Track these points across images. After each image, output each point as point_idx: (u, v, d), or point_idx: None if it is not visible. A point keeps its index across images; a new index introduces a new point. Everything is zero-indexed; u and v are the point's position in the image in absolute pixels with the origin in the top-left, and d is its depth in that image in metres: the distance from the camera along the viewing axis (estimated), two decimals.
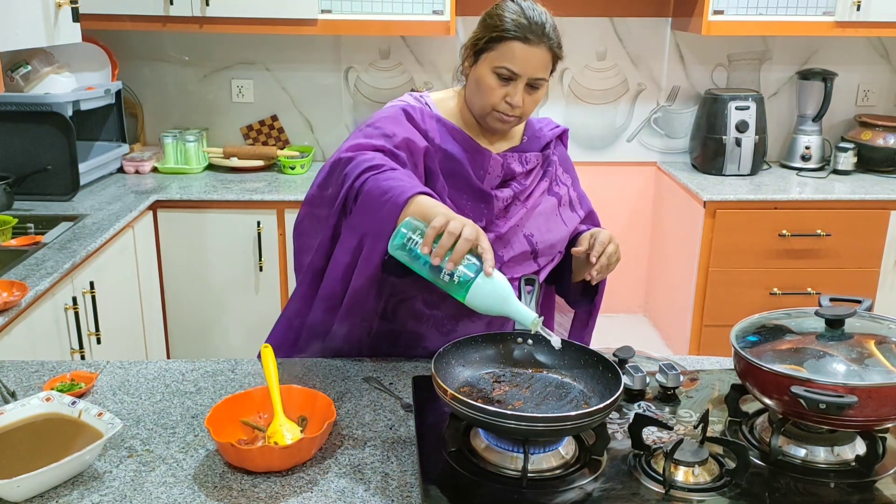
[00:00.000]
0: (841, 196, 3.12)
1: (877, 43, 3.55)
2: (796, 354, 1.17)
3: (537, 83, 1.49)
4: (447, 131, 1.54)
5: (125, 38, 3.33)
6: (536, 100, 1.51)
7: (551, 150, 1.66)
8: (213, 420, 1.22)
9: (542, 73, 1.48)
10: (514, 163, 1.58)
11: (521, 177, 1.59)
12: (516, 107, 1.48)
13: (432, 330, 1.59)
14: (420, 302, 1.56)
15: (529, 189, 1.60)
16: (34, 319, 1.99)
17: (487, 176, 1.56)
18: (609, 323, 3.86)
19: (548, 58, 1.48)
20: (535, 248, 1.59)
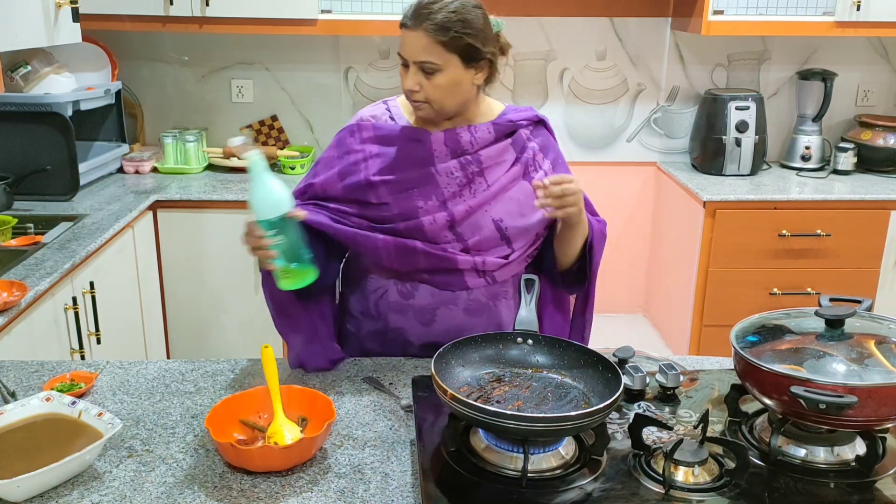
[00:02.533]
0: (841, 196, 3.12)
1: (877, 43, 3.55)
2: (796, 354, 1.18)
3: (427, 66, 1.48)
4: (386, 134, 1.60)
5: (125, 38, 3.33)
6: (438, 85, 1.49)
7: (525, 136, 1.65)
8: (212, 420, 1.22)
9: (425, 56, 1.47)
10: (461, 136, 1.58)
11: (471, 150, 1.59)
12: (412, 91, 1.50)
13: (413, 321, 1.60)
14: (395, 293, 1.59)
15: (490, 159, 1.59)
16: (34, 319, 1.99)
17: (435, 156, 1.58)
18: (609, 323, 3.86)
19: (426, 40, 1.46)
20: (505, 233, 1.58)
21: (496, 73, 1.58)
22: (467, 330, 1.58)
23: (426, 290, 1.58)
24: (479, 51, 1.50)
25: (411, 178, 1.56)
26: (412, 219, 1.54)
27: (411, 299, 1.59)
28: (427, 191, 1.56)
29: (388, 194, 1.56)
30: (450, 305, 1.59)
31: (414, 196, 1.56)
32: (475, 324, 1.61)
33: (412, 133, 1.60)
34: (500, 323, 1.64)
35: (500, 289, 1.63)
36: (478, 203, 1.56)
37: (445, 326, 1.59)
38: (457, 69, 1.50)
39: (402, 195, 1.56)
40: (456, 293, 1.59)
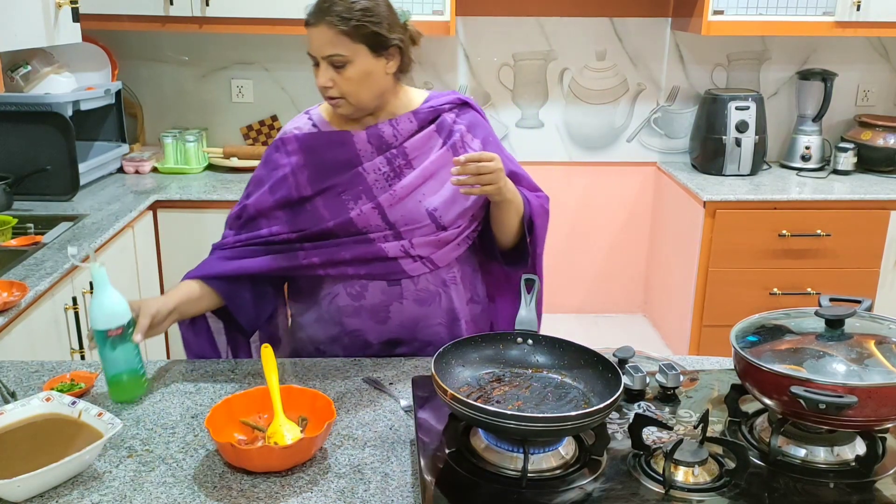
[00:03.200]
0: (841, 196, 3.12)
1: (877, 43, 3.55)
2: (796, 354, 1.17)
3: (335, 60, 1.48)
4: (309, 143, 1.60)
5: (125, 38, 3.33)
6: (350, 77, 1.49)
7: (451, 120, 1.63)
8: (212, 420, 1.22)
9: (331, 49, 1.47)
10: (384, 131, 1.58)
11: (395, 143, 1.59)
12: (326, 87, 1.51)
13: (368, 321, 1.60)
14: (345, 296, 1.60)
15: (417, 150, 1.59)
16: (34, 319, 1.99)
17: (361, 156, 1.58)
18: (609, 323, 3.86)
19: (330, 33, 1.46)
20: (437, 218, 1.57)
21: (409, 61, 1.58)
22: (422, 321, 1.61)
23: (376, 289, 1.58)
24: (385, 38, 1.50)
25: (340, 182, 1.57)
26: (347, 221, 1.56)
27: (362, 300, 1.59)
28: (357, 192, 1.57)
29: (321, 204, 1.57)
30: (400, 299, 1.59)
31: (345, 199, 1.56)
32: (429, 313, 1.61)
33: (335, 137, 1.60)
34: (454, 310, 1.64)
35: (447, 275, 1.62)
36: (403, 189, 1.56)
37: (400, 320, 1.60)
38: (366, 59, 1.49)
39: (334, 201, 1.57)
40: (403, 286, 1.59)
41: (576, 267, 3.84)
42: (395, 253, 1.56)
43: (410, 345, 1.64)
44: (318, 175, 1.58)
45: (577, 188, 3.71)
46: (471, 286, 1.69)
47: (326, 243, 1.56)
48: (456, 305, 1.64)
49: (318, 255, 1.57)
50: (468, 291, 1.68)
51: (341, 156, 1.58)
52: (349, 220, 1.55)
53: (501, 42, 3.51)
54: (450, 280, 1.63)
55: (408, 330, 1.61)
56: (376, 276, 1.57)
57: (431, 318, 1.62)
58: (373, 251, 1.55)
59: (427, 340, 1.64)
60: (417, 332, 1.62)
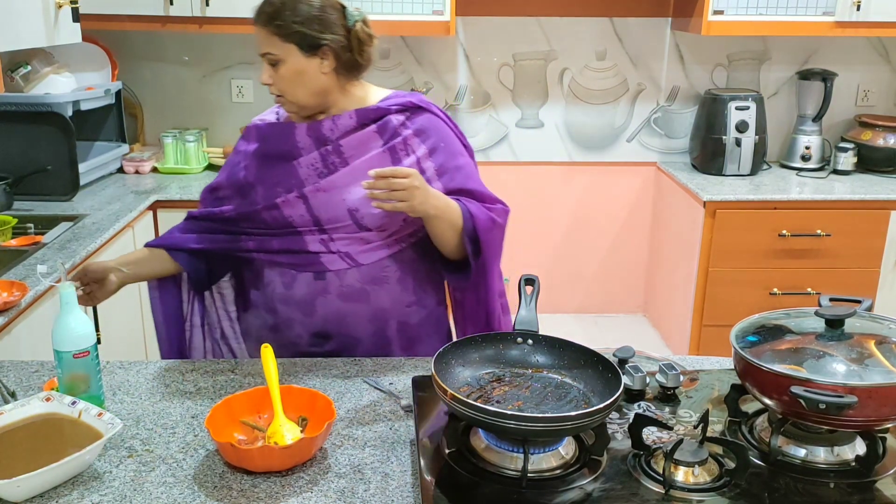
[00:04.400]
0: (841, 196, 3.12)
1: (877, 43, 3.55)
2: (796, 354, 1.17)
3: (269, 59, 1.56)
4: (262, 133, 1.67)
5: (125, 38, 3.33)
6: (283, 76, 1.55)
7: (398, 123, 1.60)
8: (212, 420, 1.22)
9: (265, 48, 1.55)
10: (322, 125, 1.61)
11: (332, 137, 1.60)
12: (267, 84, 1.57)
13: (296, 312, 1.62)
14: (280, 285, 1.62)
15: (353, 149, 1.59)
16: (34, 319, 1.99)
17: (299, 148, 1.61)
18: (609, 323, 3.86)
19: (263, 33, 1.55)
20: (359, 220, 1.56)
21: (356, 62, 1.58)
22: (348, 316, 1.61)
23: (303, 281, 1.60)
24: (314, 38, 1.52)
25: (276, 173, 1.62)
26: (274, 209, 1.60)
27: (292, 290, 1.61)
28: (290, 184, 1.60)
29: (259, 192, 1.62)
30: (325, 294, 1.60)
31: (278, 190, 1.60)
32: (354, 310, 1.61)
33: (280, 129, 1.65)
34: (384, 309, 1.62)
35: (378, 274, 1.60)
36: (329, 184, 1.57)
37: (325, 314, 1.61)
38: (297, 58, 1.54)
39: (270, 190, 1.61)
40: (328, 280, 1.59)
41: (576, 267, 3.84)
42: (316, 247, 1.58)
43: (338, 340, 1.64)
44: (261, 164, 1.64)
45: (577, 188, 3.71)
46: (414, 290, 1.65)
47: (261, 231, 1.62)
48: (386, 306, 1.62)
49: (253, 241, 1.63)
50: (409, 294, 1.64)
51: (282, 147, 1.63)
52: (275, 205, 1.59)
53: (501, 42, 3.51)
54: (381, 279, 1.60)
55: (333, 324, 1.62)
56: (301, 267, 1.60)
57: (357, 314, 1.61)
58: (298, 243, 1.59)
59: (355, 336, 1.63)
60: (343, 328, 1.62)
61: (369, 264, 1.59)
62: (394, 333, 1.64)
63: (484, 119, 3.60)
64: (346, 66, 1.57)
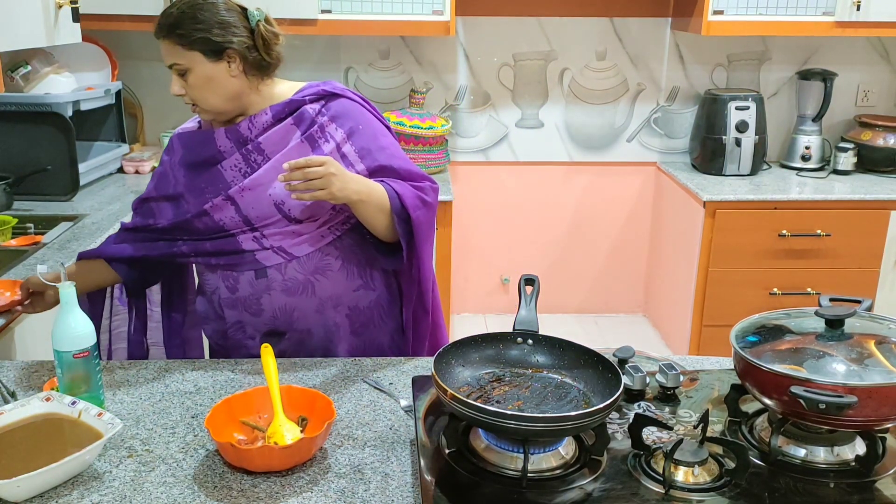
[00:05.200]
0: (841, 196, 3.12)
1: (877, 43, 3.55)
2: (796, 354, 1.18)
3: (177, 69, 1.55)
4: (185, 142, 1.67)
5: (125, 38, 3.33)
6: (193, 84, 1.55)
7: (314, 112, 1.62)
8: (212, 420, 1.22)
9: (171, 59, 1.55)
10: (241, 127, 1.61)
11: (251, 136, 1.61)
12: (179, 95, 1.57)
13: (244, 313, 1.63)
14: (224, 289, 1.63)
15: (274, 145, 1.60)
16: (34, 319, 1.98)
17: (221, 152, 1.62)
18: (609, 323, 3.86)
19: (167, 45, 1.54)
20: (286, 211, 1.57)
21: (264, 61, 1.60)
22: (296, 310, 1.61)
23: (245, 280, 1.62)
24: (217, 43, 1.53)
25: (202, 179, 1.62)
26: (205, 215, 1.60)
27: (237, 292, 1.63)
28: (217, 188, 1.60)
29: (188, 200, 1.62)
30: (269, 291, 1.61)
31: (207, 196, 1.60)
32: (300, 303, 1.61)
33: (200, 136, 1.65)
34: (332, 297, 1.63)
35: (319, 263, 1.61)
36: (252, 181, 1.58)
37: (272, 312, 1.62)
38: (203, 65, 1.54)
39: (198, 198, 1.61)
40: (270, 277, 1.60)
41: (576, 267, 3.84)
42: (249, 245, 1.59)
43: (291, 336, 1.65)
44: (187, 173, 1.65)
45: (577, 188, 3.71)
46: (360, 274, 1.66)
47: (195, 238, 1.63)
48: (333, 293, 1.63)
49: (188, 246, 1.63)
50: (355, 279, 1.65)
51: (205, 154, 1.63)
52: (204, 211, 1.59)
53: (501, 42, 3.51)
54: (325, 268, 1.61)
55: (282, 321, 1.63)
56: (239, 268, 1.61)
57: (304, 307, 1.62)
58: (231, 244, 1.60)
59: (306, 329, 1.64)
60: (293, 323, 1.63)
61: (306, 255, 1.60)
62: (343, 319, 1.65)
63: (484, 119, 3.60)
64: (254, 67, 1.58)
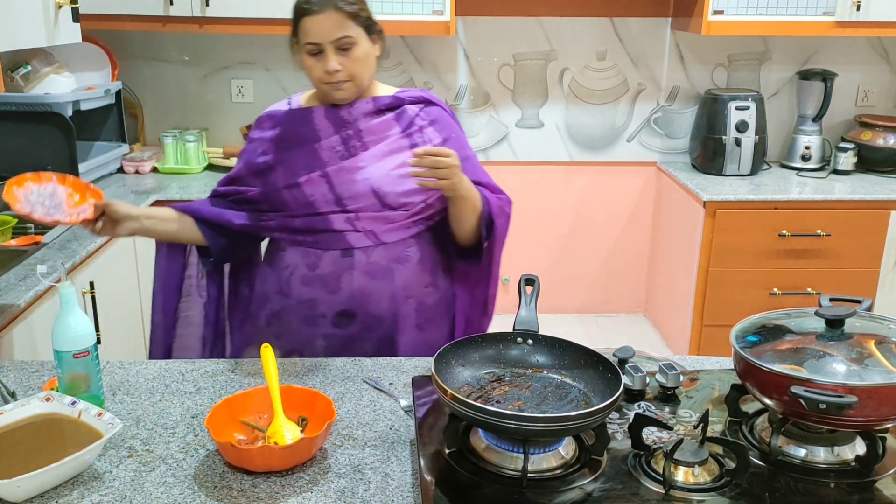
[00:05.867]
0: (841, 196, 3.12)
1: (877, 43, 3.55)
2: (796, 354, 1.17)
3: (343, 43, 1.58)
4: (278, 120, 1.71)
5: (125, 38, 3.33)
6: (356, 58, 1.60)
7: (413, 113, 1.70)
8: (212, 420, 1.22)
9: (340, 32, 1.57)
10: (342, 110, 1.66)
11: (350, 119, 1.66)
12: (335, 71, 1.59)
13: (320, 290, 1.65)
14: (303, 266, 1.66)
15: (372, 134, 1.66)
16: (34, 319, 1.99)
17: (319, 131, 1.66)
18: (610, 323, 3.86)
19: (338, 17, 1.57)
20: (383, 198, 1.63)
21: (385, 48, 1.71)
22: (372, 294, 1.65)
23: (329, 258, 1.64)
24: (374, 23, 1.64)
25: (297, 156, 1.65)
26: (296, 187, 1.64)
27: (317, 269, 1.65)
28: (311, 165, 1.64)
29: (280, 174, 1.65)
30: (351, 270, 1.64)
31: (299, 171, 1.64)
32: (378, 287, 1.65)
33: (298, 113, 1.70)
34: (405, 287, 1.68)
35: (401, 253, 1.67)
36: (351, 164, 1.63)
37: (349, 292, 1.65)
38: (365, 41, 1.61)
39: (290, 171, 1.65)
40: (355, 257, 1.64)
41: (576, 267, 3.84)
42: (340, 226, 1.63)
43: (361, 319, 1.67)
44: (280, 147, 1.67)
45: (577, 188, 3.71)
46: (431, 271, 1.73)
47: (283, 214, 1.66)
48: (407, 284, 1.68)
49: (275, 220, 1.67)
50: (427, 275, 1.71)
51: (301, 132, 1.67)
52: (297, 184, 1.62)
53: (501, 42, 3.51)
54: (403, 258, 1.67)
55: (358, 302, 1.65)
56: (326, 245, 1.64)
57: (381, 292, 1.66)
58: (321, 222, 1.63)
59: (377, 315, 1.67)
60: (367, 306, 1.66)
61: (393, 243, 1.65)
62: (411, 312, 1.69)
63: (484, 119, 3.60)
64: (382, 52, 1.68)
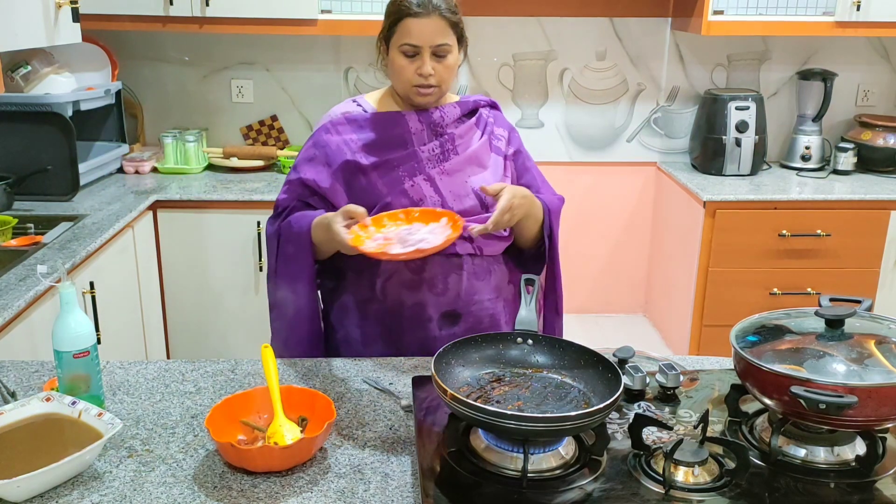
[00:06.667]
0: (841, 196, 3.12)
1: (877, 43, 3.55)
2: (796, 354, 1.18)
3: (441, 50, 1.59)
4: (361, 123, 1.68)
5: (125, 38, 3.33)
6: (448, 66, 1.62)
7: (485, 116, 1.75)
8: (212, 420, 1.22)
9: (441, 39, 1.59)
10: (434, 114, 1.68)
11: (447, 127, 1.69)
12: (428, 76, 1.59)
13: (427, 293, 1.64)
14: (407, 271, 1.63)
15: (461, 138, 1.69)
16: (34, 319, 1.99)
17: (413, 135, 1.66)
18: (609, 323, 3.86)
19: (442, 24, 1.59)
20: (485, 201, 1.66)
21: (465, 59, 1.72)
22: (478, 293, 1.67)
23: (435, 261, 1.63)
24: (465, 35, 1.65)
25: (396, 158, 1.64)
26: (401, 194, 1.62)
27: (423, 273, 1.63)
28: (412, 168, 1.64)
29: (376, 176, 1.64)
30: (459, 271, 1.65)
31: (401, 174, 1.63)
32: (482, 287, 1.68)
33: (387, 117, 1.68)
34: (500, 288, 1.72)
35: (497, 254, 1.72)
36: (452, 166, 1.64)
37: (457, 292, 1.65)
38: (456, 50, 1.63)
39: (390, 175, 1.63)
40: (462, 258, 1.65)
41: (576, 267, 3.84)
42: None
43: (466, 320, 1.67)
44: (373, 149, 1.65)
45: (577, 188, 3.71)
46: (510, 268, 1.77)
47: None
48: (501, 282, 1.72)
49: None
50: (508, 272, 1.76)
51: (395, 133, 1.66)
52: (403, 191, 1.62)
53: (501, 42, 3.51)
54: (498, 258, 1.72)
55: (463, 302, 1.66)
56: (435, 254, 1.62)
57: (483, 291, 1.68)
58: None
59: (478, 314, 1.69)
60: (471, 305, 1.67)
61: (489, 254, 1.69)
62: (503, 309, 1.72)
63: None
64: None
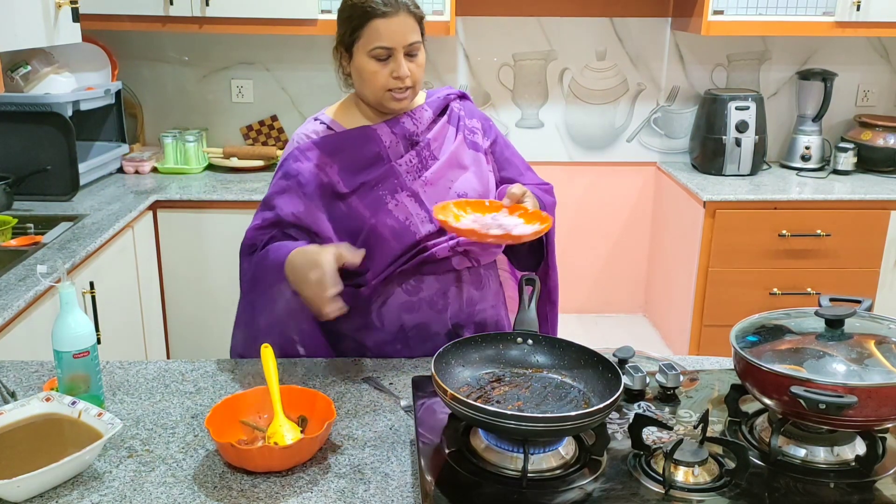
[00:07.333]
0: (841, 196, 3.12)
1: (877, 43, 3.55)
2: (796, 354, 1.18)
3: (413, 49, 1.51)
4: (331, 145, 1.57)
5: (125, 38, 3.33)
6: (421, 65, 1.54)
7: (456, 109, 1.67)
8: (212, 420, 1.22)
9: (413, 37, 1.51)
10: (405, 123, 1.59)
11: (421, 134, 1.60)
12: (405, 77, 1.51)
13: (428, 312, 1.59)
14: (402, 294, 1.58)
15: (436, 142, 1.61)
16: (34, 319, 1.99)
17: (388, 149, 1.57)
18: (609, 323, 3.86)
19: (411, 21, 1.51)
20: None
21: None
22: (479, 303, 1.64)
23: (431, 279, 1.58)
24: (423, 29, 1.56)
25: (374, 177, 1.55)
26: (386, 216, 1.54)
27: (419, 294, 1.58)
28: (392, 185, 1.55)
29: (356, 200, 1.54)
30: (458, 284, 1.60)
31: (381, 194, 1.55)
32: (482, 296, 1.65)
33: (357, 133, 1.57)
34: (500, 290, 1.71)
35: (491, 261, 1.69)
36: (433, 175, 1.57)
37: (458, 304, 1.61)
38: (423, 47, 1.55)
39: (370, 196, 1.54)
40: (460, 272, 1.61)
41: (576, 267, 3.84)
42: (444, 254, 1.56)
43: (469, 330, 1.63)
44: (349, 172, 1.55)
45: (577, 188, 3.71)
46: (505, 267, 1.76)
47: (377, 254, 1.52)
48: (498, 289, 1.71)
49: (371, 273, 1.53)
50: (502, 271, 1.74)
51: (369, 151, 1.56)
52: (387, 212, 1.53)
53: (501, 42, 3.51)
54: (491, 265, 1.69)
55: (465, 313, 1.62)
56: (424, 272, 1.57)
57: (484, 299, 1.65)
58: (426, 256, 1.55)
59: (482, 322, 1.66)
60: (474, 315, 1.64)
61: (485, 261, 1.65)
62: (504, 311, 1.71)
63: None
64: None
